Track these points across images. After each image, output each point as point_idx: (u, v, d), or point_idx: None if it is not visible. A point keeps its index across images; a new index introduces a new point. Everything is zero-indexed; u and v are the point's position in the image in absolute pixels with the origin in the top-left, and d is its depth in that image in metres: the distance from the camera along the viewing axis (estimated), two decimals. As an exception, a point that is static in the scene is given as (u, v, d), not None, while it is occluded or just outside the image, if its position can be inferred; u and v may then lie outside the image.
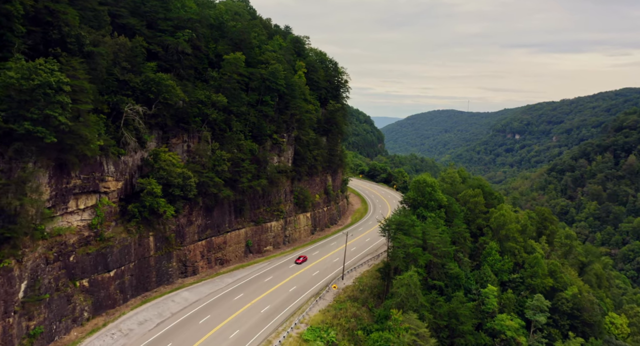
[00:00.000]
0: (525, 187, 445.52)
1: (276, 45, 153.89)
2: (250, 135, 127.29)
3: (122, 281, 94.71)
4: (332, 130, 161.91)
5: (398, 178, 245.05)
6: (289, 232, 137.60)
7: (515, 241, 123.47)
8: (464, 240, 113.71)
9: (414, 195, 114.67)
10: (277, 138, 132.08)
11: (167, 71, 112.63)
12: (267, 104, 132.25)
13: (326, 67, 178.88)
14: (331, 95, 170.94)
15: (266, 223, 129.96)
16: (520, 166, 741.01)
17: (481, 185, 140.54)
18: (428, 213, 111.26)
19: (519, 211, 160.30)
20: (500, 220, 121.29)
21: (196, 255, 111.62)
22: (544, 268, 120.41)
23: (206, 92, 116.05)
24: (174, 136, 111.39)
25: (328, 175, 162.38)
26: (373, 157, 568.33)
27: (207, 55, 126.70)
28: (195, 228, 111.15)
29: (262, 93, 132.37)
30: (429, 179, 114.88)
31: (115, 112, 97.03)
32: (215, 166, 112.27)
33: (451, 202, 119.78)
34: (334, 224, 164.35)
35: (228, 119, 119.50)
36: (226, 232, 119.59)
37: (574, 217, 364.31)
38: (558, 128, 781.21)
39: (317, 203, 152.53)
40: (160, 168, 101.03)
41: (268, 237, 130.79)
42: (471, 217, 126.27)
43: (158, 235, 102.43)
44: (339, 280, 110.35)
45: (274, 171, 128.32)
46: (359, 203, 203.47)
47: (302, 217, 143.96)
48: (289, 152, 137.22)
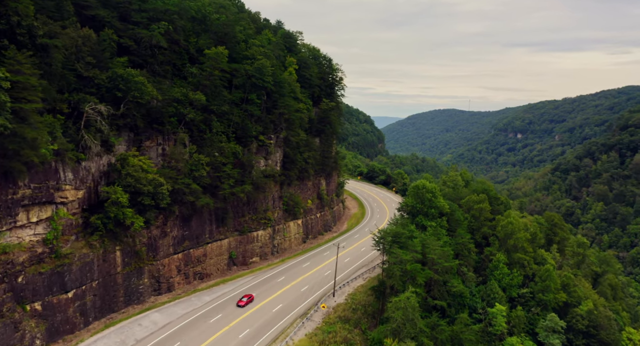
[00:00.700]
0: (529, 187, 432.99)
1: (264, 40, 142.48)
2: (234, 137, 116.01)
3: (82, 303, 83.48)
4: (326, 130, 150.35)
5: (397, 180, 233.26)
6: (277, 241, 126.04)
7: (525, 251, 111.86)
8: (468, 252, 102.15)
9: (413, 202, 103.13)
10: (263, 139, 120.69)
11: (140, 67, 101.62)
12: (253, 103, 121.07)
13: (320, 64, 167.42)
14: (325, 93, 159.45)
15: (252, 233, 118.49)
16: (522, 165, 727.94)
17: (486, 190, 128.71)
18: (428, 223, 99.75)
19: (526, 216, 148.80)
20: (508, 228, 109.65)
21: (171, 270, 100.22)
22: (557, 282, 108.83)
23: (183, 89, 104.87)
24: (148, 138, 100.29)
25: (321, 178, 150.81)
26: (373, 157, 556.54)
27: (187, 50, 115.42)
28: (171, 240, 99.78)
29: (247, 91, 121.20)
30: (429, 184, 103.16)
31: (77, 112, 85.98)
32: (192, 171, 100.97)
33: (453, 209, 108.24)
34: (328, 231, 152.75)
35: (208, 119, 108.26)
36: (206, 243, 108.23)
37: (579, 219, 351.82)
38: (560, 127, 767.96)
39: (309, 209, 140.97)
40: (127, 175, 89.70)
41: (254, 247, 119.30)
42: (475, 225, 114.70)
43: (126, 249, 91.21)
44: (329, 297, 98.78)
45: (260, 175, 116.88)
46: (356, 208, 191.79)
47: (293, 225, 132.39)
48: (277, 154, 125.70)
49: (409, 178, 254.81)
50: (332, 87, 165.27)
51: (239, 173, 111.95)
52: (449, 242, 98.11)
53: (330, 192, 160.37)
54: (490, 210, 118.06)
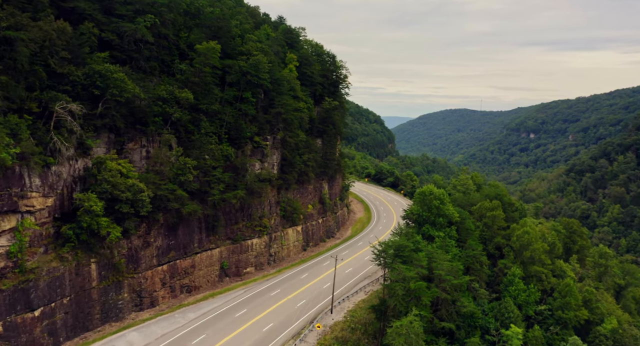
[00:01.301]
0: (543, 189, 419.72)
1: (263, 35, 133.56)
2: (227, 138, 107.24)
3: (52, 322, 75.09)
4: (328, 131, 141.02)
5: (406, 182, 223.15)
6: (274, 249, 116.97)
7: (542, 264, 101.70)
8: (480, 265, 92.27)
9: (419, 210, 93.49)
10: (259, 141, 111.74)
11: (124, 63, 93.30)
12: (248, 102, 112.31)
13: (323, 61, 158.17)
14: (328, 91, 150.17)
15: (246, 241, 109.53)
16: (535, 166, 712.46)
17: (499, 195, 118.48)
18: (436, 233, 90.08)
19: (543, 223, 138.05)
20: (524, 239, 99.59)
21: (155, 283, 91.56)
22: (577, 298, 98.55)
23: (169, 87, 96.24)
24: (131, 140, 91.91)
25: (324, 181, 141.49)
26: (383, 157, 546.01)
27: (178, 46, 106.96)
28: (154, 251, 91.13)
29: (242, 89, 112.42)
30: (437, 190, 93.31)
31: (48, 111, 77.77)
32: (178, 176, 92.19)
33: (464, 216, 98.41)
34: (331, 237, 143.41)
35: (197, 119, 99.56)
36: (195, 254, 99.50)
37: (595, 222, 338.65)
38: (574, 127, 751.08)
39: (310, 214, 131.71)
40: (103, 180, 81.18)
41: (249, 256, 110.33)
42: (488, 235, 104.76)
43: (103, 261, 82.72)
44: (326, 314, 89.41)
45: (255, 180, 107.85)
46: (361, 211, 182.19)
47: (291, 232, 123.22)
48: (274, 156, 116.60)
49: (418, 180, 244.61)
50: (335, 85, 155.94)
51: (230, 178, 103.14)
52: (458, 254, 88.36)
53: (334, 195, 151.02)
54: (504, 218, 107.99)
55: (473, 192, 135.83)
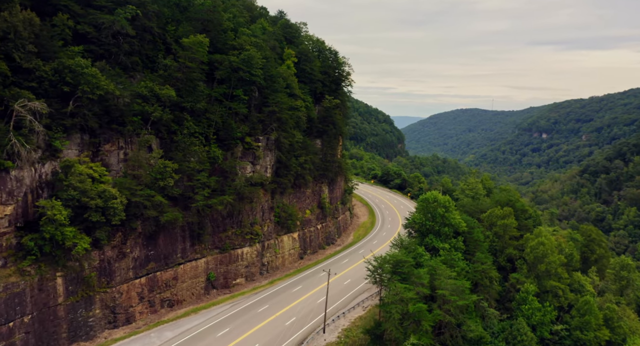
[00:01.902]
0: (556, 190, 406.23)
1: (258, 30, 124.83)
2: (215, 139, 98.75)
3: (10, 344, 67.20)
4: (328, 131, 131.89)
5: (414, 185, 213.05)
6: (267, 259, 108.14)
7: (559, 278, 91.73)
8: (490, 281, 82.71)
9: (422, 219, 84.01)
10: (250, 142, 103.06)
11: (102, 58, 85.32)
12: (239, 100, 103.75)
13: (324, 57, 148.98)
14: (329, 89, 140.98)
15: (235, 250, 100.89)
16: (548, 166, 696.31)
17: (511, 201, 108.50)
18: (440, 244, 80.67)
19: (558, 230, 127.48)
20: (539, 250, 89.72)
21: (131, 297, 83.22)
22: (598, 316, 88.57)
23: (149, 83, 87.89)
24: (107, 141, 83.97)
25: (323, 185, 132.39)
26: (392, 158, 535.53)
27: (164, 40, 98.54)
28: (131, 263, 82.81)
29: (232, 86, 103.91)
30: (442, 197, 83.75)
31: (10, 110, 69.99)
32: (157, 180, 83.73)
33: (472, 225, 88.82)
34: (331, 244, 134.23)
35: (181, 119, 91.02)
36: (177, 264, 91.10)
37: (611, 225, 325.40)
38: (587, 127, 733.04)
39: (308, 220, 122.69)
40: (70, 186, 72.98)
41: (238, 267, 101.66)
42: (499, 246, 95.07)
43: (70, 275, 74.71)
44: (318, 334, 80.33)
45: (244, 184, 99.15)
46: (365, 215, 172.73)
47: (287, 239, 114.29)
48: (267, 159, 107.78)
49: (426, 182, 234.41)
50: (337, 83, 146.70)
51: (217, 182, 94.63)
52: (465, 268, 78.94)
53: (335, 199, 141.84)
54: (516, 226, 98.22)
55: (482, 197, 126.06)
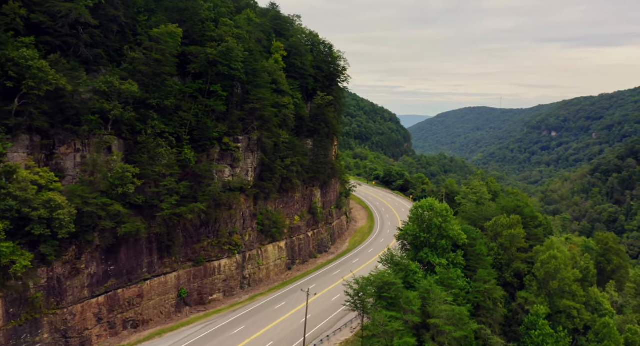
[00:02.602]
0: (566, 190, 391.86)
1: (243, 21, 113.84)
2: (189, 140, 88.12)
3: None
4: (320, 130, 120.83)
5: (417, 186, 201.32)
6: (249, 271, 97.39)
7: (573, 296, 79.95)
8: (494, 303, 71.36)
9: (415, 230, 72.59)
10: (228, 142, 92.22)
11: (59, 50, 75.22)
12: (217, 96, 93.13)
13: (318, 51, 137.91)
14: (322, 85, 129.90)
15: (212, 263, 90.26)
16: (557, 165, 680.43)
17: (519, 206, 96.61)
18: (437, 260, 69.38)
19: (572, 238, 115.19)
20: (551, 265, 77.98)
21: (86, 319, 72.78)
22: (619, 341, 76.76)
23: (109, 77, 77.48)
24: (62, 143, 73.51)
25: (315, 188, 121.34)
26: (398, 157, 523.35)
27: (135, 31, 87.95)
28: (86, 280, 72.42)
29: (209, 81, 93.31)
30: (438, 205, 72.29)
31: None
32: (115, 187, 73.24)
33: (474, 236, 77.36)
34: (323, 252, 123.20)
35: (147, 117, 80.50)
36: (143, 280, 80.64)
37: (624, 226, 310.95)
38: (598, 124, 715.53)
39: (297, 227, 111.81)
40: (8, 195, 62.76)
41: (215, 281, 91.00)
42: (505, 259, 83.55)
43: (11, 296, 64.54)
44: (297, 363, 69.32)
45: (221, 189, 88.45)
46: (364, 220, 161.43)
47: (272, 249, 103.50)
48: (249, 161, 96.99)
49: (431, 182, 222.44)
50: (331, 79, 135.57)
51: (189, 188, 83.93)
52: (466, 288, 67.77)
53: (328, 203, 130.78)
54: (525, 236, 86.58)
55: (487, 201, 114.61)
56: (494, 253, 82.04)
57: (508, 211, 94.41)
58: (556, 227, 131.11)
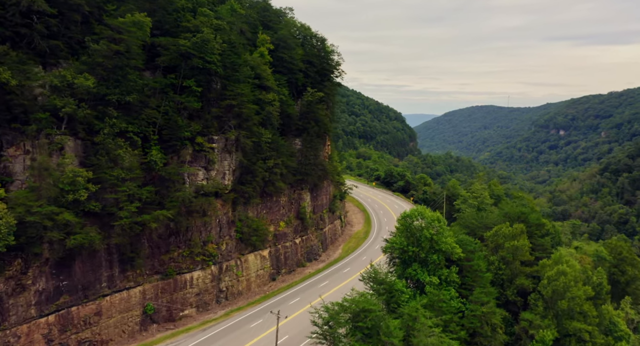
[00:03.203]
0: (574, 190, 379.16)
1: (225, 12, 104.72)
2: (157, 140, 79.37)
3: None
4: (310, 128, 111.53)
5: (418, 187, 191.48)
6: (226, 283, 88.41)
7: (584, 316, 69.98)
8: (492, 329, 61.81)
9: (402, 243, 62.78)
10: (202, 143, 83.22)
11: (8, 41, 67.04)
12: (190, 92, 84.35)
13: (310, 45, 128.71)
14: (314, 81, 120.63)
15: (183, 275, 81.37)
16: (565, 164, 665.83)
17: (524, 213, 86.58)
18: (427, 278, 59.88)
19: (582, 246, 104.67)
20: (559, 283, 67.91)
21: (34, 341, 64.29)
22: (637, 368, 67.05)
23: (62, 71, 69.12)
24: (11, 144, 65.25)
25: (304, 192, 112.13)
26: (403, 156, 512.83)
27: (101, 21, 79.19)
28: (33, 297, 63.90)
29: (182, 76, 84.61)
30: (430, 214, 62.47)
31: None
32: (66, 193, 64.62)
33: (472, 248, 67.62)
34: (313, 260, 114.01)
35: (106, 115, 71.76)
36: (102, 296, 71.90)
37: (635, 228, 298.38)
38: (607, 123, 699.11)
39: (282, 234, 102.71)
40: None
41: (187, 295, 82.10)
42: (507, 275, 73.81)
43: (-64, 319, 55.69)
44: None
45: (192, 195, 79.56)
46: (360, 223, 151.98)
47: (253, 259, 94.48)
48: (226, 163, 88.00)
49: (434, 184, 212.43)
50: (324, 74, 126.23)
51: (153, 193, 75.13)
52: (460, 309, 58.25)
53: (320, 208, 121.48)
54: (530, 248, 76.78)
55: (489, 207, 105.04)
56: (494, 268, 72.39)
57: (511, 218, 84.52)
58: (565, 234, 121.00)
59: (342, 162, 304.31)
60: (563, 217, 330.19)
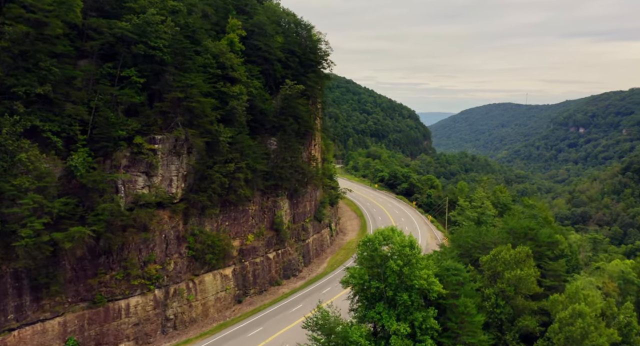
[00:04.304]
0: (595, 191, 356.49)
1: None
2: (85, 140, 65.03)
3: None
4: (287, 126, 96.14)
5: (423, 190, 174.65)
6: (175, 310, 73.65)
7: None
8: (482, 399, 45.85)
9: (363, 277, 46.15)
10: (142, 143, 68.54)
11: None
12: (131, 83, 70.14)
13: (294, 33, 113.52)
14: (296, 73, 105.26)
15: (116, 302, 66.81)
16: (585, 163, 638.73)
17: (532, 229, 69.22)
18: (394, 324, 43.77)
19: (604, 268, 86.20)
20: (575, 327, 51.08)
21: None
22: None
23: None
24: None
25: (280, 198, 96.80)
26: (416, 155, 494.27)
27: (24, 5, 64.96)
28: None
29: (121, 64, 70.24)
30: (399, 239, 46.25)
31: None
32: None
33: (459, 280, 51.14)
34: (291, 277, 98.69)
35: (11, 110, 57.61)
36: (9, 330, 57.68)
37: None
38: (628, 120, 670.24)
39: (251, 249, 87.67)
40: None
41: (122, 326, 67.51)
42: (506, 313, 57.17)
43: None
44: None
45: (125, 206, 65.05)
46: (355, 230, 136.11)
47: (211, 279, 79.59)
48: (173, 167, 73.20)
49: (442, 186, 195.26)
50: (308, 65, 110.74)
51: (74, 205, 60.82)
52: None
53: (302, 216, 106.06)
54: (538, 276, 59.95)
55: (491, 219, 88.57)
56: (489, 305, 56.03)
57: (516, 236, 67.93)
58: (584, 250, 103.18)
59: (348, 163, 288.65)
60: (583, 219, 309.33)
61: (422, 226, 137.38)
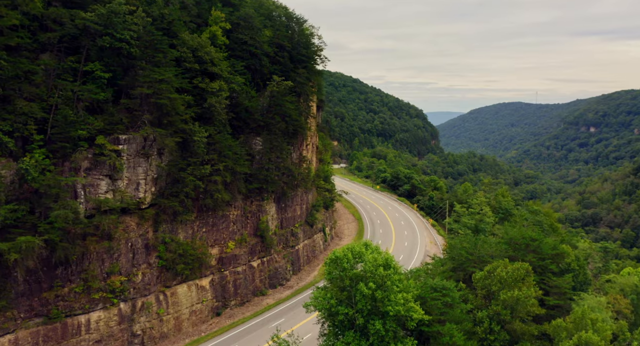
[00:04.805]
0: (606, 192, 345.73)
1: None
2: (43, 141, 59.03)
3: None
4: (273, 126, 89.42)
5: (425, 191, 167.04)
6: (143, 325, 67.30)
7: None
8: None
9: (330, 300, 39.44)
10: (105, 144, 62.25)
11: None
12: (95, 78, 64.04)
13: (285, 26, 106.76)
14: (284, 68, 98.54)
15: (75, 317, 60.60)
16: (596, 163, 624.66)
17: (535, 240, 61.64)
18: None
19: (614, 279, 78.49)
20: (581, 360, 44.23)
21: None
22: None
23: None
24: None
25: (266, 202, 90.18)
26: (424, 155, 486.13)
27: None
28: None
29: (85, 58, 64.28)
30: (370, 257, 38.97)
31: None
32: None
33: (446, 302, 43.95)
34: (278, 286, 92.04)
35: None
36: (-57, 354, 51.64)
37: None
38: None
39: (231, 257, 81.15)
40: None
41: (82, 343, 61.30)
42: (501, 340, 49.85)
43: None
44: None
45: (84, 213, 58.85)
46: (352, 235, 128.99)
47: (185, 291, 73.17)
48: (141, 169, 66.85)
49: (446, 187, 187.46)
50: (300, 60, 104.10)
51: (25, 212, 54.80)
52: None
53: (291, 221, 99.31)
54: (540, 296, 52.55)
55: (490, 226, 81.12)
56: (482, 331, 48.75)
57: (517, 247, 60.59)
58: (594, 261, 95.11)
59: (352, 163, 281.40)
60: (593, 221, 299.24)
61: (423, 230, 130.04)
